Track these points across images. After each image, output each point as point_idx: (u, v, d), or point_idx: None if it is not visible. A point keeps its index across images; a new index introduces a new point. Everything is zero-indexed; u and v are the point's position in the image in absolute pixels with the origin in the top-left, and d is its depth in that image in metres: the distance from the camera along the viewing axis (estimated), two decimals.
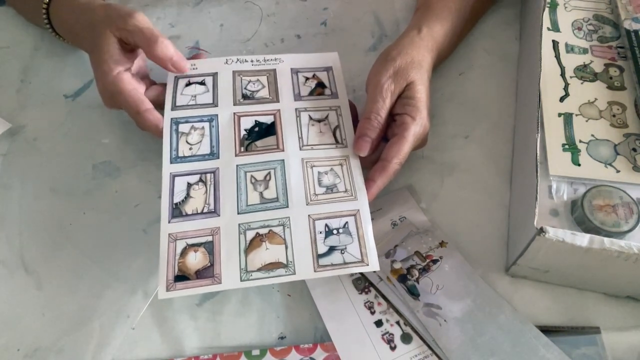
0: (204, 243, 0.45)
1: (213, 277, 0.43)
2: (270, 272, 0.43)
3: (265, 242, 0.45)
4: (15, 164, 0.56)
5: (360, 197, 0.47)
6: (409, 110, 0.49)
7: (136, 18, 0.51)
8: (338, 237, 0.45)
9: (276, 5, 0.69)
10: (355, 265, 0.44)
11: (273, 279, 0.43)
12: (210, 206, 0.47)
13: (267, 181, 0.48)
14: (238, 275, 0.43)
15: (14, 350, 0.46)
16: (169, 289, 0.42)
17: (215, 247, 0.45)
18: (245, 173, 0.48)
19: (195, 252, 0.44)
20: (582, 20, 0.59)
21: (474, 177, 0.54)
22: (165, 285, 0.43)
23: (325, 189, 0.48)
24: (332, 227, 0.46)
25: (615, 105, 0.52)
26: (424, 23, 0.55)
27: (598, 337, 0.44)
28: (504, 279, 0.48)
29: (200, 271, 0.43)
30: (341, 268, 0.44)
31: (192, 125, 0.51)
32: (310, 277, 0.44)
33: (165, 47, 0.51)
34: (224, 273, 0.43)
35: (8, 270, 0.50)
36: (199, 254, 0.44)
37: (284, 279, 0.43)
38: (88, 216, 0.53)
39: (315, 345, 0.45)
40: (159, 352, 0.46)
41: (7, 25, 0.67)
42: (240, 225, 0.46)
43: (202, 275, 0.43)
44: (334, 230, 0.45)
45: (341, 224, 0.46)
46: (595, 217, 0.44)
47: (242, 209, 0.46)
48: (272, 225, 0.46)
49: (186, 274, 0.43)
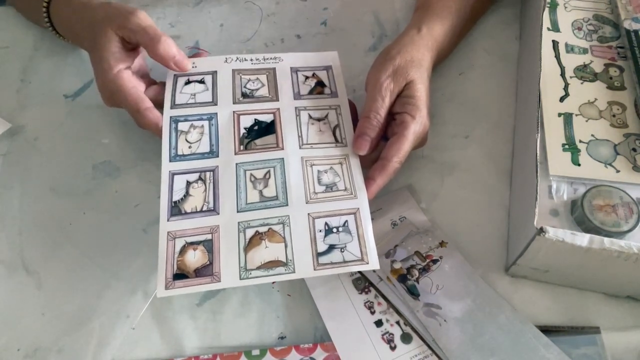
0: (203, 241, 0.45)
1: (212, 276, 0.43)
2: (269, 271, 0.43)
3: (264, 241, 0.45)
4: (15, 164, 0.56)
5: (360, 196, 0.47)
6: (408, 109, 0.49)
7: (138, 16, 0.51)
8: (338, 235, 0.45)
9: (276, 5, 0.69)
10: (355, 264, 0.44)
11: (272, 277, 0.43)
12: (210, 204, 0.46)
13: (266, 179, 0.48)
14: (237, 273, 0.43)
15: (14, 350, 0.46)
16: (168, 287, 0.42)
17: (215, 245, 0.44)
18: (245, 171, 0.48)
19: (194, 251, 0.44)
20: (582, 20, 0.59)
21: (474, 177, 0.54)
22: (164, 284, 0.42)
23: (325, 188, 0.48)
24: (332, 225, 0.46)
25: (615, 105, 0.52)
26: (424, 22, 0.55)
27: (598, 337, 0.44)
28: (504, 279, 0.48)
29: (200, 269, 0.43)
30: (341, 266, 0.44)
31: (191, 124, 0.51)
32: (310, 276, 0.44)
33: (167, 45, 0.51)
34: (223, 271, 0.43)
35: (8, 270, 0.50)
36: (198, 252, 0.44)
37: (284, 277, 0.43)
38: (88, 216, 0.53)
39: (315, 345, 0.45)
40: (159, 352, 0.46)
41: (7, 25, 0.67)
42: (240, 224, 0.45)
43: (201, 274, 0.43)
44: (334, 229, 0.45)
45: (341, 223, 0.46)
46: (595, 217, 0.44)
47: (242, 207, 0.46)
48: (272, 224, 0.46)
49: (185, 272, 0.43)
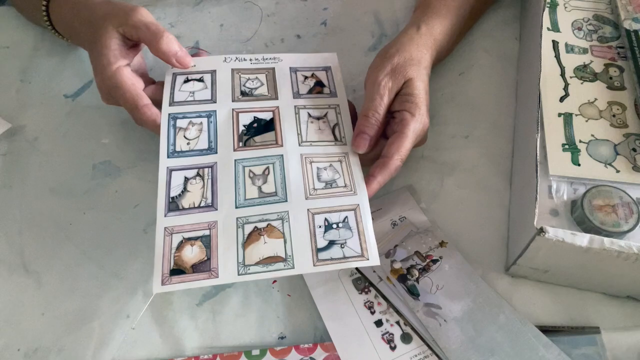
0: (201, 237, 0.44)
1: (210, 271, 0.43)
2: (268, 267, 0.43)
3: (263, 236, 0.45)
4: (15, 164, 0.56)
5: (360, 192, 0.47)
6: (407, 107, 0.49)
7: (140, 13, 0.51)
8: (338, 231, 0.45)
9: (276, 5, 0.69)
10: (355, 260, 0.44)
11: (271, 273, 0.43)
12: (208, 200, 0.46)
13: (265, 175, 0.48)
14: (235, 269, 0.43)
15: (14, 350, 0.46)
16: (164, 283, 0.42)
17: (213, 240, 0.44)
18: (244, 167, 0.48)
19: (191, 246, 0.44)
20: (582, 20, 0.59)
21: (474, 177, 0.54)
22: (160, 279, 0.42)
23: (325, 184, 0.47)
24: (332, 221, 0.45)
25: (615, 105, 0.52)
26: (424, 21, 0.55)
27: (598, 337, 0.44)
28: (504, 279, 0.48)
29: (197, 265, 0.43)
30: (341, 262, 0.43)
31: (190, 121, 0.51)
32: (310, 271, 0.43)
33: (170, 41, 0.51)
34: (221, 267, 0.43)
35: (8, 270, 0.50)
36: (196, 248, 0.44)
37: (283, 273, 0.43)
38: (88, 216, 0.53)
39: (315, 345, 0.45)
40: (159, 352, 0.46)
41: (7, 25, 0.67)
42: (238, 219, 0.45)
43: (198, 269, 0.43)
44: (334, 225, 0.45)
45: (341, 219, 0.46)
46: (595, 217, 0.44)
47: (240, 202, 0.46)
48: (271, 220, 0.45)
49: (182, 267, 0.43)
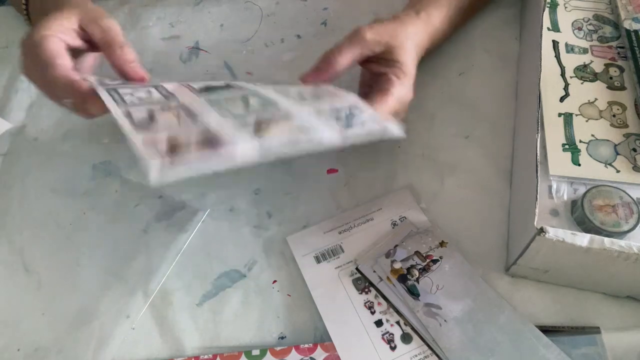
0: (180, 105, 0.34)
1: (218, 144, 0.31)
2: (291, 137, 0.34)
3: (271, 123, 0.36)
4: (15, 164, 0.56)
5: (348, 94, 0.43)
6: (394, 71, 0.48)
7: (112, 21, 0.47)
8: (351, 114, 0.40)
9: (276, 5, 0.69)
10: (379, 132, 0.39)
11: (296, 146, 0.35)
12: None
13: (246, 106, 0.39)
14: (250, 137, 0.33)
15: (14, 350, 0.46)
16: (166, 167, 0.30)
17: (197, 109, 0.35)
18: (219, 107, 0.38)
19: (174, 116, 0.32)
20: (582, 20, 0.59)
21: (474, 177, 0.54)
22: (159, 163, 0.29)
23: (311, 97, 0.42)
24: (340, 107, 0.40)
25: (615, 105, 0.52)
26: (423, 8, 0.55)
27: (598, 337, 0.44)
28: (504, 279, 0.48)
29: (199, 142, 0.32)
30: (366, 136, 0.38)
31: (134, 90, 0.41)
32: (338, 142, 0.36)
33: (129, 51, 0.46)
34: (227, 133, 0.32)
35: (8, 270, 0.50)
36: (182, 118, 0.33)
37: (309, 145, 0.35)
38: (88, 216, 0.53)
39: (315, 345, 0.45)
40: (159, 352, 0.46)
41: (7, 25, 0.67)
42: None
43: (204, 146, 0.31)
44: (344, 110, 0.40)
45: (347, 106, 0.41)
46: (595, 217, 0.44)
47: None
48: (273, 118, 0.37)
49: (176, 145, 0.31)
